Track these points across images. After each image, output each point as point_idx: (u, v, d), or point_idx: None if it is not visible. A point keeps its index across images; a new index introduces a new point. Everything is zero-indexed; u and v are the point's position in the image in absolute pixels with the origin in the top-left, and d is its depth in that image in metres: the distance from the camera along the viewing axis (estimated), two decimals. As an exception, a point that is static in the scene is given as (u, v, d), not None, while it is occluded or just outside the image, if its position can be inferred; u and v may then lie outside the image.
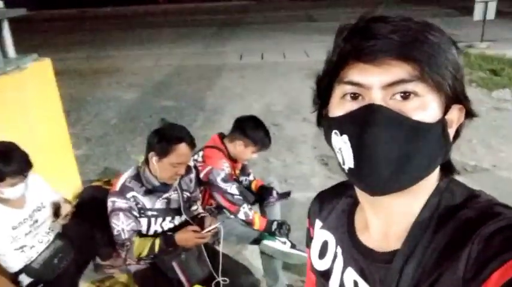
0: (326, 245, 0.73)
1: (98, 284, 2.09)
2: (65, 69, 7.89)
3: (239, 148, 2.37)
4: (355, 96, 0.57)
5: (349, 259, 0.67)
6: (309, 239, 0.80)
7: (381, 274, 0.60)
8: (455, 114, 0.59)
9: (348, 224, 0.70)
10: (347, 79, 0.57)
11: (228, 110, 5.95)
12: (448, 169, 0.63)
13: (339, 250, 0.70)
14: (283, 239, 2.34)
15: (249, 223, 2.33)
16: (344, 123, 0.57)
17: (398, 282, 0.57)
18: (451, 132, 0.59)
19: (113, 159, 4.73)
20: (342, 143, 0.58)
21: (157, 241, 1.92)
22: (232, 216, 2.32)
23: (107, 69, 9.12)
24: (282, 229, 2.33)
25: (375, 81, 0.55)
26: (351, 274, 0.66)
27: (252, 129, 2.36)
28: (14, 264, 1.92)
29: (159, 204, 1.98)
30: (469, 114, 0.61)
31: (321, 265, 0.73)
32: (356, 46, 0.56)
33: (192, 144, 1.93)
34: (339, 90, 0.59)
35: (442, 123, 0.56)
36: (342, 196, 0.74)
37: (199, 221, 2.08)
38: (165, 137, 1.89)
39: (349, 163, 0.57)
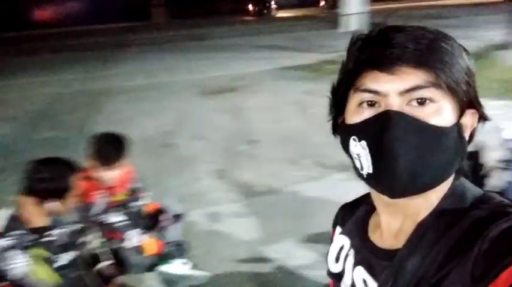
0: (342, 249, 0.75)
1: None
2: None
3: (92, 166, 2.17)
4: (372, 104, 0.59)
5: (360, 259, 0.69)
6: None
7: (386, 271, 0.62)
8: (469, 119, 0.61)
9: (362, 227, 0.72)
10: (363, 87, 0.59)
11: (118, 135, 5.68)
12: (461, 171, 0.65)
13: (351, 252, 0.72)
14: (184, 260, 2.29)
15: (139, 251, 2.22)
16: (362, 130, 0.59)
17: (396, 278, 0.59)
18: (466, 136, 0.61)
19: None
20: (360, 149, 0.59)
21: None
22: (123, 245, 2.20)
23: (-29, 103, 8.11)
24: (179, 250, 2.28)
25: (392, 89, 0.57)
26: (361, 273, 0.68)
27: (93, 145, 2.19)
28: None
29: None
30: (482, 118, 0.63)
31: (336, 268, 0.75)
32: (372, 55, 0.58)
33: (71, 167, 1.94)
34: (355, 98, 0.61)
35: (458, 127, 0.59)
36: (361, 204, 0.76)
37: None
38: (59, 180, 1.88)
39: (368, 168, 0.59)
